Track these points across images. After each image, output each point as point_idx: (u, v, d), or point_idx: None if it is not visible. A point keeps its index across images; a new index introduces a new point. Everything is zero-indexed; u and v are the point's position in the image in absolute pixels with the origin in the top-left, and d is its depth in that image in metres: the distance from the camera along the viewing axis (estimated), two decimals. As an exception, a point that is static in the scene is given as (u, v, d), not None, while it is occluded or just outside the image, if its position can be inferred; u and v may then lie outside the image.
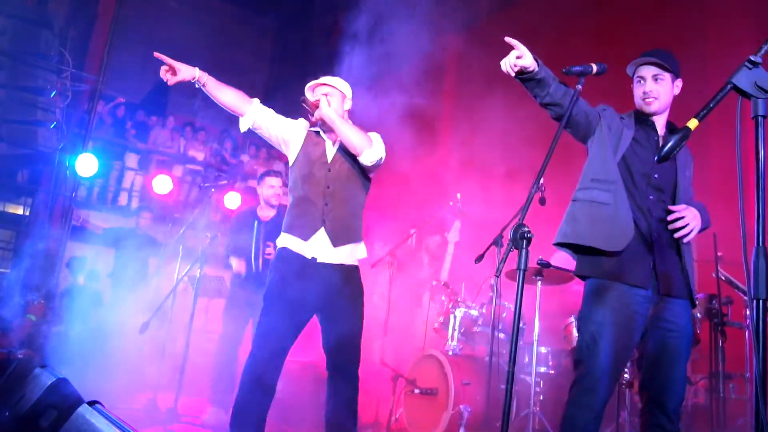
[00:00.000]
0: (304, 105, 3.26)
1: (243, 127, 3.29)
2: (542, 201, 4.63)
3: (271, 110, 3.34)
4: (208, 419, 4.50)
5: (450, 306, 4.98)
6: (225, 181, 5.03)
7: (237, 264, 4.93)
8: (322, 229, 3.16)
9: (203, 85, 3.21)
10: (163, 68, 3.17)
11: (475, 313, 4.88)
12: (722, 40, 5.41)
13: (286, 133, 3.31)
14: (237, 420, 3.05)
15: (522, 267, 2.27)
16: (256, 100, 3.31)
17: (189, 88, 7.31)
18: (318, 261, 3.15)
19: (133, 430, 2.08)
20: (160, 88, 10.37)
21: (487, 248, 4.30)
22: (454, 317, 4.86)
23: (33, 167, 7.78)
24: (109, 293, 7.06)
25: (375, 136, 3.28)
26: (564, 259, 4.25)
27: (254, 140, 10.40)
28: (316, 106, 3.21)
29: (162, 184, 8.17)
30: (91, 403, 2.24)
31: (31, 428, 2.83)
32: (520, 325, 4.80)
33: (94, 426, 2.04)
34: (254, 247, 5.01)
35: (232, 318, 4.86)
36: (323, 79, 3.35)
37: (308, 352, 5.07)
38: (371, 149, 3.15)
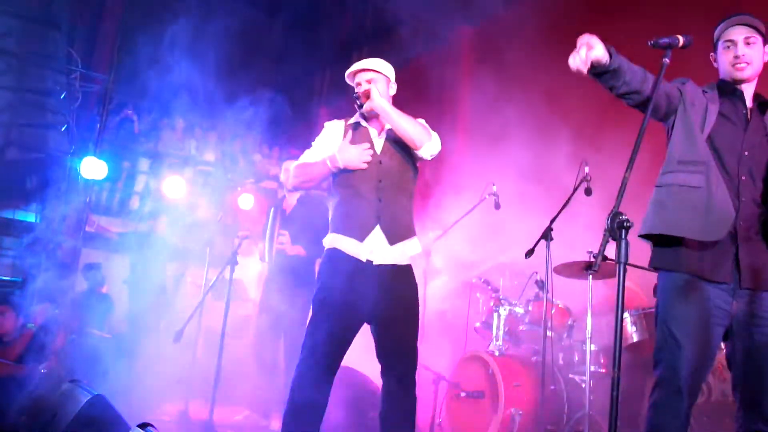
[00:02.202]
0: (356, 98, 3.01)
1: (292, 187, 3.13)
2: (588, 191, 4.39)
3: (308, 154, 3.07)
4: (246, 430, 4.27)
5: (492, 304, 4.74)
6: (252, 180, 4.80)
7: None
8: (378, 227, 2.90)
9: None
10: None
11: (520, 310, 4.63)
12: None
13: (330, 149, 3.02)
14: (291, 427, 2.81)
15: (622, 260, 2.03)
16: (297, 163, 3.07)
17: (198, 89, 7.04)
18: (375, 263, 2.89)
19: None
20: (169, 88, 10.12)
21: (537, 242, 4.05)
22: (498, 316, 4.62)
23: (44, 172, 7.55)
24: (126, 300, 6.84)
25: (425, 125, 3.04)
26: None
27: (266, 140, 10.17)
28: (367, 96, 2.95)
29: (174, 186, 7.93)
30: (143, 426, 2.00)
31: (68, 450, 2.61)
32: (569, 322, 4.59)
33: (153, 452, 1.80)
34: (268, 236, 4.77)
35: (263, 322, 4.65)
36: (366, 63, 3.09)
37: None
38: (431, 142, 2.93)
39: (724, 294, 2.45)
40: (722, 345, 2.64)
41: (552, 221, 4.11)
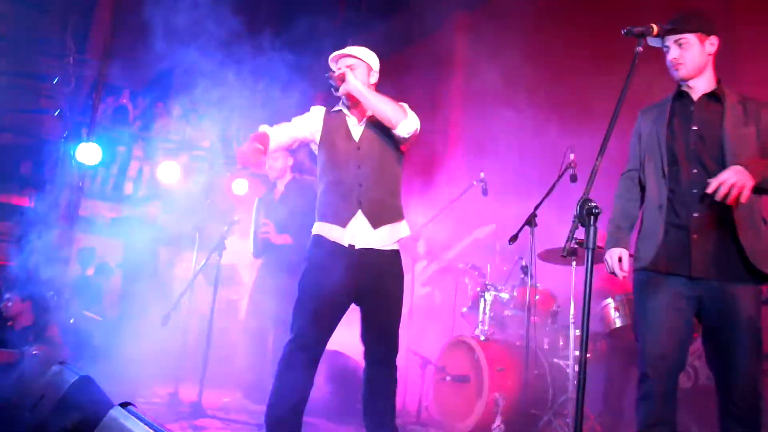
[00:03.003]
0: (329, 80, 3.04)
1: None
2: (573, 178, 4.43)
3: (281, 125, 3.08)
4: (234, 412, 4.32)
5: (479, 290, 4.79)
6: (240, 167, 4.80)
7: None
8: (360, 212, 2.96)
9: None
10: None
11: (505, 296, 4.68)
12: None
13: (305, 130, 3.09)
14: (272, 414, 2.90)
15: (590, 246, 2.08)
16: (264, 127, 3.07)
17: (193, 73, 7.02)
18: (356, 248, 2.96)
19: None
20: (164, 73, 10.10)
21: (521, 228, 4.10)
22: (484, 301, 4.67)
23: (38, 157, 7.57)
24: (120, 284, 6.90)
25: (406, 106, 3.07)
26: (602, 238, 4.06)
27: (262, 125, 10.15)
28: (342, 80, 2.99)
29: (169, 171, 7.96)
30: (124, 405, 2.05)
31: (53, 428, 2.66)
32: (554, 308, 4.64)
33: (129, 429, 1.85)
34: (252, 228, 4.77)
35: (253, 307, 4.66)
36: (347, 50, 3.12)
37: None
38: (407, 120, 2.95)
39: (681, 287, 2.57)
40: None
41: (536, 207, 4.15)
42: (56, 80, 7.15)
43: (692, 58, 2.63)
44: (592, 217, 2.08)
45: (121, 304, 6.60)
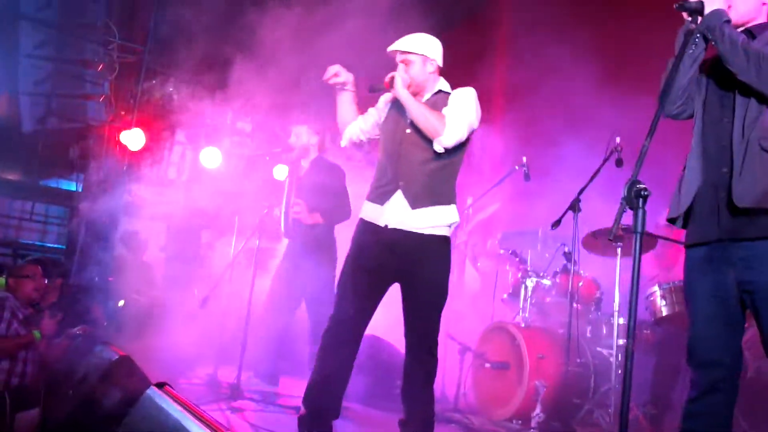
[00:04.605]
0: (378, 89, 3.04)
1: (343, 143, 3.27)
2: (619, 162, 4.29)
3: (365, 115, 3.20)
4: (272, 395, 4.34)
5: (520, 276, 4.69)
6: (279, 149, 4.80)
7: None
8: (399, 192, 2.94)
9: (343, 92, 3.17)
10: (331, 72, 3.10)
11: (547, 282, 4.59)
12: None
13: (378, 116, 3.18)
14: (312, 394, 2.95)
15: (639, 230, 1.98)
16: (360, 117, 3.20)
17: (234, 59, 7.02)
18: (389, 227, 2.94)
19: (204, 415, 1.88)
20: (205, 59, 10.16)
21: (564, 213, 4.00)
22: (525, 287, 4.58)
23: (84, 142, 7.72)
24: (162, 267, 7.01)
25: (455, 114, 2.95)
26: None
27: (304, 110, 10.17)
28: (391, 85, 2.96)
29: (210, 156, 8.03)
30: (160, 385, 2.05)
31: (94, 409, 2.70)
32: (597, 295, 4.52)
33: (165, 411, 1.85)
34: (283, 207, 4.66)
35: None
36: (398, 45, 3.09)
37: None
38: (443, 136, 2.88)
39: (707, 256, 2.31)
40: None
41: (580, 192, 4.04)
42: (101, 66, 7.26)
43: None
44: (640, 199, 1.98)
45: (163, 287, 6.71)
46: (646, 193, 1.98)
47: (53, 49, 7.27)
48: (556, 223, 3.94)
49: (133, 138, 7.22)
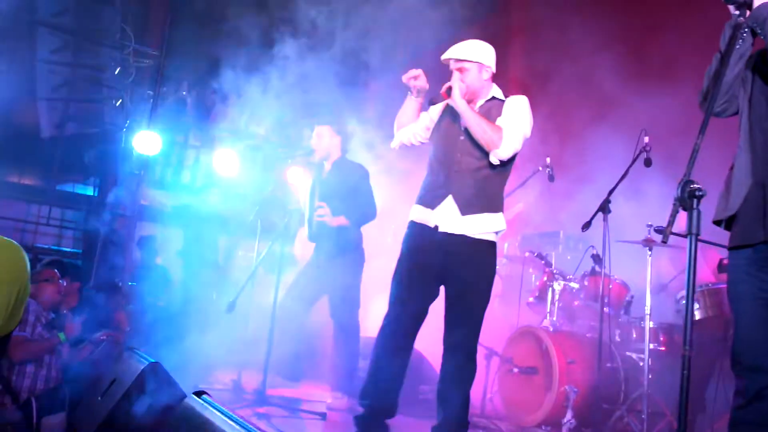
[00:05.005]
0: (438, 102, 3.07)
1: (394, 144, 3.31)
2: (647, 162, 4.20)
3: (421, 117, 3.24)
4: (296, 400, 4.29)
5: (545, 279, 4.62)
6: (301, 151, 4.75)
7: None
8: (450, 197, 2.96)
9: (414, 98, 3.22)
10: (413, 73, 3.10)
11: (575, 285, 4.51)
12: None
13: (429, 121, 3.20)
14: (369, 397, 3.02)
15: (694, 231, 1.91)
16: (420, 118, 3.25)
17: (247, 63, 6.98)
18: (440, 230, 2.97)
19: (248, 422, 1.83)
20: (219, 63, 10.15)
21: (594, 215, 3.92)
22: (552, 290, 4.51)
23: (101, 146, 7.71)
24: (179, 272, 6.97)
25: (511, 125, 2.96)
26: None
27: (316, 113, 10.13)
28: (448, 94, 2.98)
29: (225, 159, 8.01)
30: (198, 393, 2.00)
31: (127, 417, 2.66)
32: (627, 298, 4.44)
33: (208, 420, 1.80)
34: (309, 209, 4.58)
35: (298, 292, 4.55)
36: (452, 53, 3.08)
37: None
38: (499, 150, 2.91)
39: (753, 258, 2.23)
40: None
41: (610, 193, 3.96)
42: (117, 71, 7.25)
43: None
44: (695, 199, 1.92)
45: (181, 292, 6.67)
46: (700, 193, 1.92)
47: (70, 54, 7.27)
48: (587, 225, 3.87)
49: (149, 142, 7.20)
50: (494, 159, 2.94)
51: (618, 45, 5.44)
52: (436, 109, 3.19)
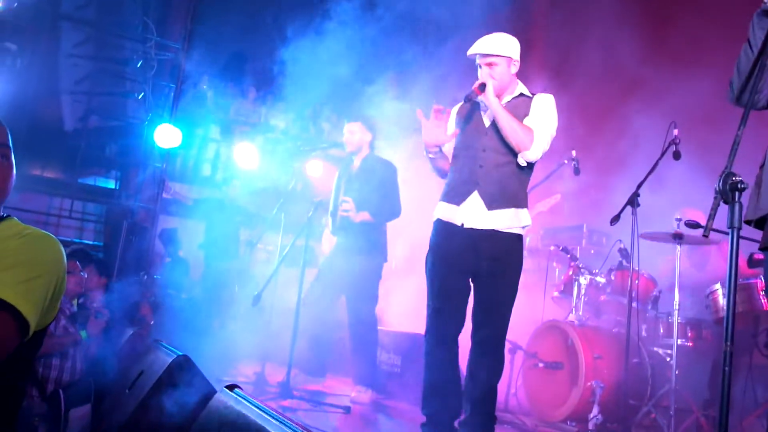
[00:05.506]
0: (467, 98, 2.98)
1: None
2: (677, 155, 4.12)
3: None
4: (320, 393, 4.29)
5: (571, 273, 4.57)
6: (325, 144, 4.74)
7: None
8: (476, 192, 2.93)
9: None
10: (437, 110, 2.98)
11: (602, 280, 4.45)
12: None
13: (450, 127, 3.12)
14: (430, 403, 3.01)
15: (735, 224, 1.87)
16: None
17: (268, 56, 6.97)
18: (466, 226, 2.93)
19: (284, 416, 1.82)
20: (240, 56, 10.17)
21: (623, 208, 3.86)
22: (578, 285, 4.46)
23: (123, 139, 7.75)
24: (201, 265, 7.00)
25: (540, 126, 2.93)
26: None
27: (335, 108, 10.12)
28: (481, 91, 2.92)
29: (245, 153, 8.02)
30: (231, 387, 2.00)
31: (154, 408, 2.66)
32: (654, 293, 4.38)
33: (243, 414, 1.79)
34: (333, 204, 4.60)
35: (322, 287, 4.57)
36: (480, 48, 2.99)
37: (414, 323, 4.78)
38: (529, 151, 2.89)
39: None
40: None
41: (639, 186, 3.90)
42: (139, 64, 7.27)
43: None
44: (736, 192, 1.87)
45: (203, 285, 6.70)
46: (742, 186, 1.87)
47: (93, 48, 7.31)
48: (615, 219, 3.81)
49: (169, 135, 7.22)
50: (522, 160, 2.93)
51: (642, 30, 5.35)
52: (455, 110, 3.15)
